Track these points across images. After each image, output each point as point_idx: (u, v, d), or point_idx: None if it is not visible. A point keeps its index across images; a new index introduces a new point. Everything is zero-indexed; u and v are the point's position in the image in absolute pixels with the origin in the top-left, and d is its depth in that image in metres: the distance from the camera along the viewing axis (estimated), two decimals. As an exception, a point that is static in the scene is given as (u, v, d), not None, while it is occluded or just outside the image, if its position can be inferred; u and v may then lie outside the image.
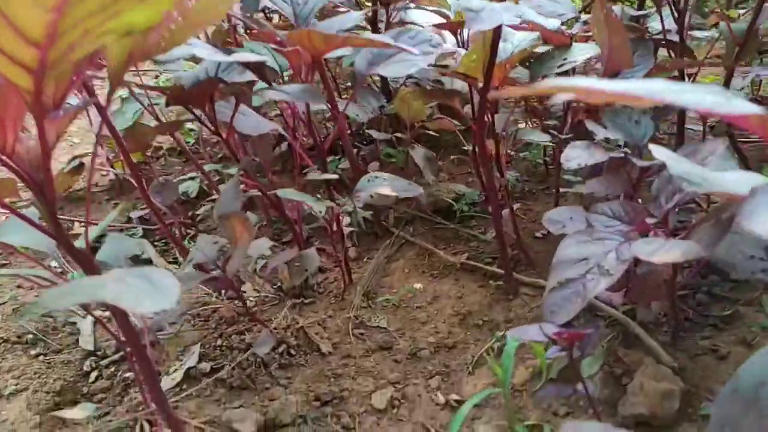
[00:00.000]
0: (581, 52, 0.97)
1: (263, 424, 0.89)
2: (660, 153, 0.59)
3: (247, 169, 0.91)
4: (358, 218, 1.39)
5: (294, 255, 0.98)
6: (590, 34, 1.04)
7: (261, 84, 1.07)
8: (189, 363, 1.01)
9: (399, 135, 1.51)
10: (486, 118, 1.03)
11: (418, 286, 1.20)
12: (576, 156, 0.85)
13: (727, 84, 1.06)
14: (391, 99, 1.49)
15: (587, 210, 0.84)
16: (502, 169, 1.10)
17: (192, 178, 1.53)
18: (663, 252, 0.61)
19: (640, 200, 0.90)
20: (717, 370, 0.91)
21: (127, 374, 1.02)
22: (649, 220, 0.75)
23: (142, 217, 1.52)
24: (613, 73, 0.93)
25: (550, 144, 1.55)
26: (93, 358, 1.07)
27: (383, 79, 1.53)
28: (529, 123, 1.49)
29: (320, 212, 1.10)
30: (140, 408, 0.91)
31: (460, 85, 1.15)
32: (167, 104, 0.80)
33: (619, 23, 0.83)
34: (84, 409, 0.70)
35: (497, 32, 0.86)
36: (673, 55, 1.14)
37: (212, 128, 0.86)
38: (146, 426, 0.90)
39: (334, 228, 1.08)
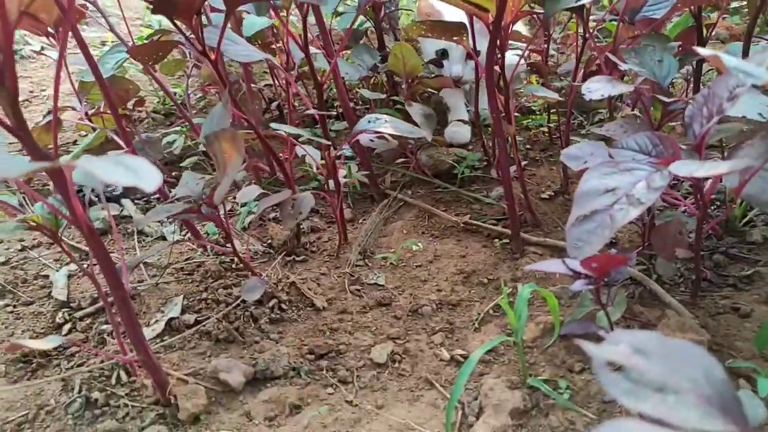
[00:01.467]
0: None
1: (252, 376, 0.81)
2: (706, 51, 0.53)
3: (235, 98, 0.84)
4: (354, 176, 1.32)
5: (286, 197, 0.90)
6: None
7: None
8: (171, 314, 0.93)
9: (395, 98, 1.44)
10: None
11: (418, 245, 1.13)
12: (598, 87, 0.79)
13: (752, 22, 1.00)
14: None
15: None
16: (510, 117, 1.04)
17: (177, 132, 1.44)
18: (707, 168, 0.55)
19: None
20: (741, 327, 0.85)
21: (104, 326, 0.93)
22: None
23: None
24: (635, 5, 0.87)
25: (554, 113, 1.50)
26: (66, 310, 0.98)
27: (379, 32, 1.45)
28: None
29: (314, 164, 1.03)
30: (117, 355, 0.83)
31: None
32: (153, 12, 0.72)
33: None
34: (50, 341, 0.62)
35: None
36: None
37: (199, 47, 0.78)
38: (123, 375, 0.82)
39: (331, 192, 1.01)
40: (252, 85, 1.42)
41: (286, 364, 0.82)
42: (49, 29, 1.61)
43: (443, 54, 1.34)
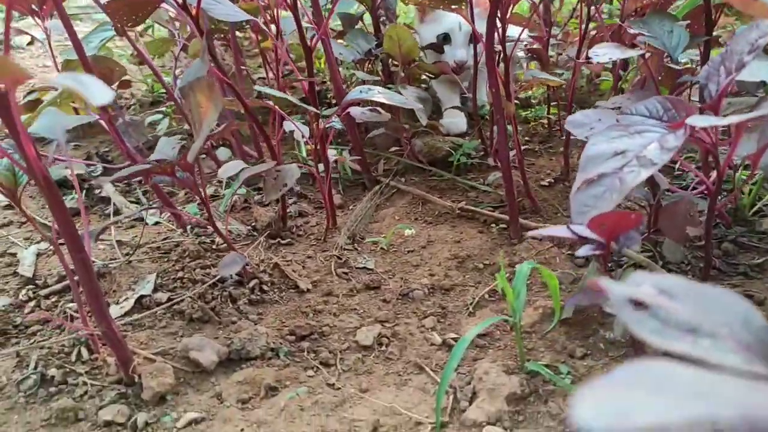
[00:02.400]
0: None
1: (227, 356, 0.74)
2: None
3: (217, 58, 0.78)
4: (345, 163, 1.26)
5: (269, 167, 0.84)
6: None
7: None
8: (142, 291, 0.86)
9: (391, 85, 1.39)
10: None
11: (410, 230, 1.06)
12: (605, 51, 0.73)
13: None
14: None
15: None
16: (510, 96, 0.98)
17: (161, 113, 1.38)
18: (730, 118, 0.49)
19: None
20: (754, 315, 0.79)
21: (70, 305, 0.87)
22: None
23: (102, 154, 1.37)
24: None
25: (553, 106, 1.45)
26: (31, 287, 0.91)
27: (375, 18, 1.40)
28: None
29: (303, 142, 0.97)
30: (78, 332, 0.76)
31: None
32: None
33: None
34: (-4, 301, 0.55)
35: None
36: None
37: (179, 0, 0.73)
38: (84, 352, 0.75)
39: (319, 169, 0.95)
40: (242, 67, 1.36)
41: (264, 344, 0.76)
42: (33, 6, 1.57)
43: (445, 38, 1.29)
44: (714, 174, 0.76)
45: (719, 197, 0.90)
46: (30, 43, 2.69)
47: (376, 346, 0.78)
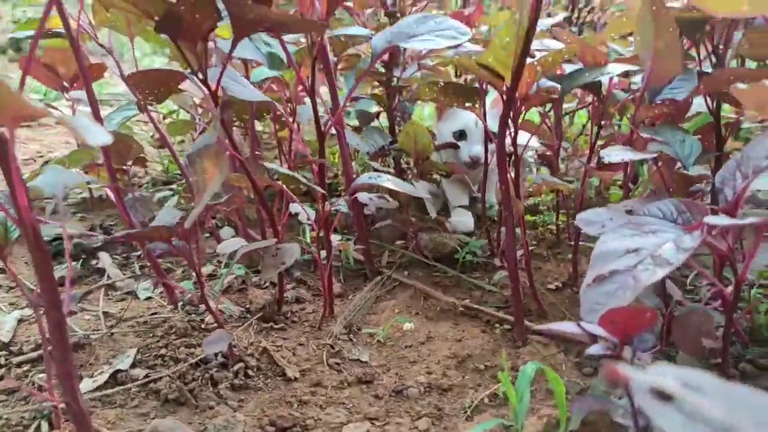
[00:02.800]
0: (618, 68, 0.89)
1: (197, 443, 0.68)
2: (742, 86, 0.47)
3: (230, 133, 0.78)
4: (349, 252, 1.24)
5: (270, 244, 0.82)
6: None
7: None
8: (119, 366, 0.81)
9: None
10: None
11: (409, 324, 1.02)
12: (617, 153, 0.73)
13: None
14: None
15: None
16: (520, 194, 0.97)
17: (171, 191, 1.39)
18: (749, 218, 0.47)
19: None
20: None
21: (41, 374, 0.81)
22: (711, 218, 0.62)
23: (107, 227, 1.36)
24: (656, 85, 0.84)
25: (562, 214, 1.44)
26: (4, 353, 0.86)
27: (391, 118, 1.44)
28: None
29: (307, 223, 0.96)
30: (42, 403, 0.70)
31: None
32: (156, 30, 0.69)
33: (670, 18, 0.75)
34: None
35: (535, 16, 0.77)
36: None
37: (200, 76, 0.74)
38: (45, 426, 0.69)
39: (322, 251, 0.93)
40: (257, 153, 1.39)
41: (240, 433, 0.69)
42: (65, 83, 1.63)
43: (461, 135, 1.32)
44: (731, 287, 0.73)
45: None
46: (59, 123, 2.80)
47: (363, 446, 0.71)
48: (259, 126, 2.33)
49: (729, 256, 0.63)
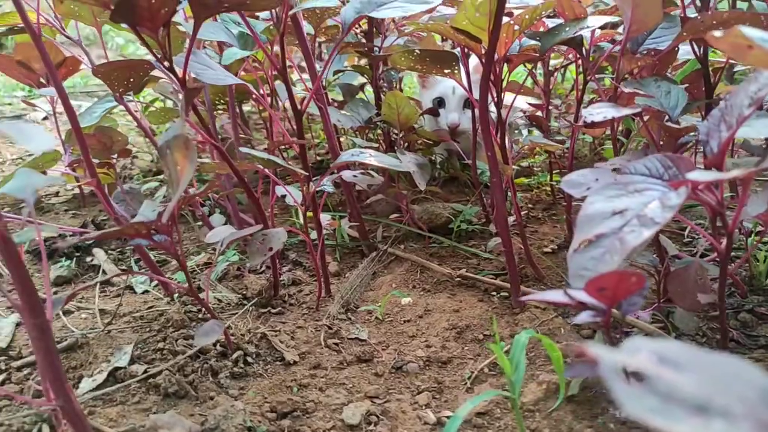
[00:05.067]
0: (597, 20, 0.86)
1: (198, 435, 0.68)
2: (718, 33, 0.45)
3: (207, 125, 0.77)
4: (343, 232, 1.23)
5: (256, 230, 0.81)
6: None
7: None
8: (117, 363, 0.81)
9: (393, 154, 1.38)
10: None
11: (407, 298, 1.01)
12: (601, 110, 0.71)
13: None
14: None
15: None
16: (507, 158, 0.96)
17: (160, 182, 1.37)
18: (738, 170, 0.46)
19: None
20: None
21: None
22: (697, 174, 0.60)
23: (99, 223, 1.35)
24: (637, 35, 0.81)
25: (556, 173, 1.43)
26: (4, 358, 0.86)
27: (376, 89, 1.42)
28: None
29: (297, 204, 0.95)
30: (40, 408, 0.70)
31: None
32: (112, 19, 0.67)
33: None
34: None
35: (508, -26, 0.74)
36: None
37: (165, 63, 0.72)
38: (46, 430, 0.69)
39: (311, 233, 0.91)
40: (243, 136, 1.37)
41: (241, 422, 0.69)
42: (41, 79, 1.60)
43: (440, 103, 1.29)
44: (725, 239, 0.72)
45: (730, 262, 0.85)
46: (45, 119, 2.77)
47: (364, 425, 0.71)
48: (249, 107, 2.30)
49: (719, 210, 0.62)
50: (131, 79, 0.88)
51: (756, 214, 0.60)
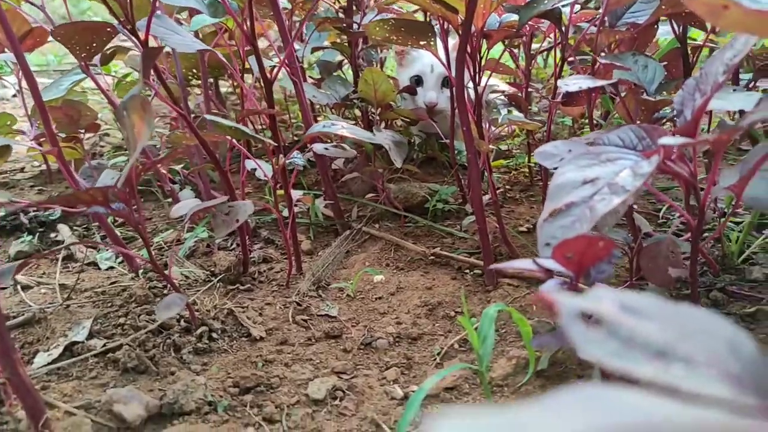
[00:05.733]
0: (579, -8, 0.84)
1: (158, 410, 0.65)
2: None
3: (164, 82, 0.73)
4: (317, 210, 1.21)
5: (222, 201, 0.78)
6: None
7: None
8: (75, 338, 0.78)
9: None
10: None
11: (379, 276, 0.99)
12: (577, 81, 0.69)
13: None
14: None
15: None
16: (483, 134, 0.94)
17: (126, 155, 1.33)
18: (708, 135, 0.44)
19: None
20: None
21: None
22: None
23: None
24: (616, 8, 0.79)
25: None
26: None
27: (354, 66, 1.39)
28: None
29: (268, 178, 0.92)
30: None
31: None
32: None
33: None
34: None
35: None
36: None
37: (128, 27, 0.69)
38: (-7, 404, 0.66)
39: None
40: (215, 111, 1.33)
41: (201, 397, 0.67)
42: (6, 50, 1.54)
43: (418, 81, 1.27)
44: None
45: (703, 239, 0.85)
46: (15, 96, 2.69)
47: (330, 400, 0.70)
48: (226, 88, 2.26)
49: (692, 181, 0.60)
50: (94, 44, 0.84)
51: (728, 185, 0.59)
